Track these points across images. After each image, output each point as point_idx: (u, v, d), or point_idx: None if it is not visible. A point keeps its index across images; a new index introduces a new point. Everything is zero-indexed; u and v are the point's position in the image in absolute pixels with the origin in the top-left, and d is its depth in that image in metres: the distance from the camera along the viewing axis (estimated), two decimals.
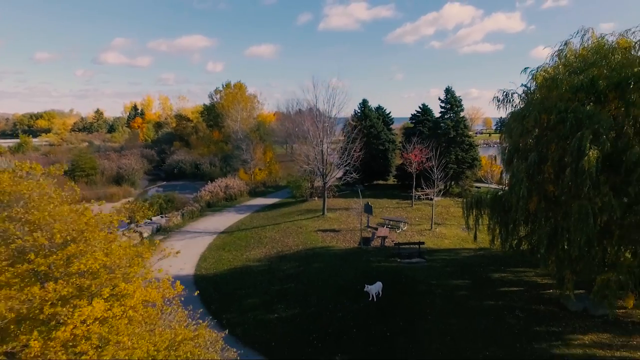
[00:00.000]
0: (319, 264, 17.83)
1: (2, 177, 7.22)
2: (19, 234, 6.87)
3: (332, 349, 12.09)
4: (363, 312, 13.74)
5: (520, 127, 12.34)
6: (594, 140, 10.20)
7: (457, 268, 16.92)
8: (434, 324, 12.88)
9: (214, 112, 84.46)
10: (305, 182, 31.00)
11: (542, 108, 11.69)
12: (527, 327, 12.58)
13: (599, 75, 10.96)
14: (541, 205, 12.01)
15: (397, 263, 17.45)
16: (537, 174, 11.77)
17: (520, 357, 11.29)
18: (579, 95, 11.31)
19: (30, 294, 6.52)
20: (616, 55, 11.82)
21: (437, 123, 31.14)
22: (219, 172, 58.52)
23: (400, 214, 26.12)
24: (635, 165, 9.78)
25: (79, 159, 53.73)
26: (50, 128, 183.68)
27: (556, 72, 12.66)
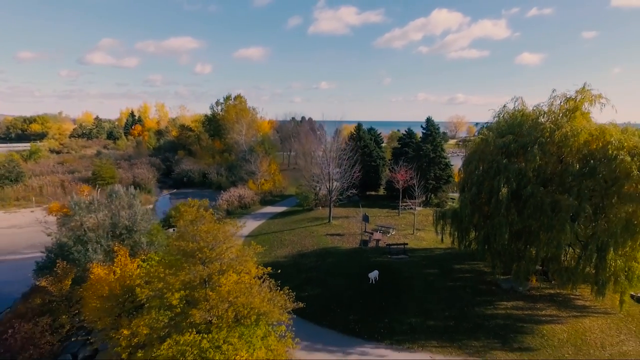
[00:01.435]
0: (331, 259, 24.38)
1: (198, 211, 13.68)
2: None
3: (345, 313, 18.63)
4: (365, 291, 20.33)
5: (468, 169, 19.19)
6: (507, 182, 17.07)
7: (430, 262, 23.70)
8: (413, 297, 19.57)
9: (216, 122, 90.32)
10: (311, 194, 37.52)
11: (480, 158, 18.57)
12: (472, 298, 19.38)
13: (512, 140, 17.84)
14: (480, 219, 18.88)
15: (388, 258, 24.08)
16: (476, 199, 18.62)
17: (466, 314, 18.06)
18: (501, 151, 18.19)
19: (196, 270, 12.89)
20: (527, 124, 18.76)
21: (420, 146, 38.10)
22: (225, 181, 64.45)
23: (389, 221, 32.85)
24: (529, 197, 16.64)
25: (100, 168, 58.91)
26: (45, 132, 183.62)
27: (491, 132, 19.56)
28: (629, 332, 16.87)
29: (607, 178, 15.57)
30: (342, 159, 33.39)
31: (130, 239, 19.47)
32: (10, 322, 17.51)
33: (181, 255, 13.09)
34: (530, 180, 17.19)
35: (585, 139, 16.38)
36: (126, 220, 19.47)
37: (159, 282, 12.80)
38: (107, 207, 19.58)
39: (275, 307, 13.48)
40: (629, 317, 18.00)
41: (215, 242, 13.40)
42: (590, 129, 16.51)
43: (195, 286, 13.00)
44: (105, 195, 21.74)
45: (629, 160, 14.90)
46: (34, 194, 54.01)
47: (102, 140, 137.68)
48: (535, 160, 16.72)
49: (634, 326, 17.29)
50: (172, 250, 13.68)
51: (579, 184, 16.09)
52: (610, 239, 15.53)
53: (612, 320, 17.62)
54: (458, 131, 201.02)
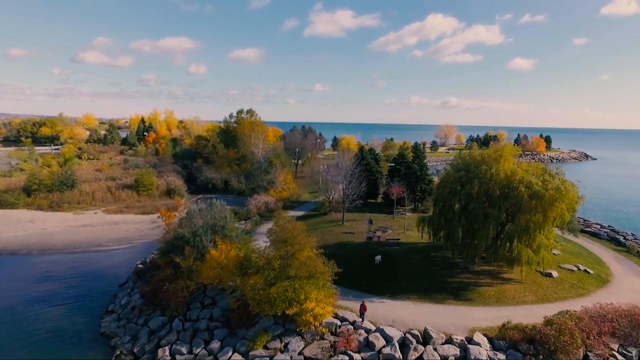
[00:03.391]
0: (348, 248, 35.70)
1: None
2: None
3: (361, 280, 29.90)
4: (372, 268, 31.66)
5: (438, 191, 30.75)
6: (459, 200, 28.57)
7: (414, 250, 35.16)
8: (403, 271, 30.96)
9: (230, 133, 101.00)
10: (327, 202, 48.88)
11: (445, 185, 30.13)
12: (440, 272, 30.85)
13: (463, 175, 29.34)
14: (444, 223, 30.38)
15: (386, 248, 35.42)
16: (443, 211, 30.13)
17: (435, 281, 29.50)
18: (457, 181, 29.67)
19: (286, 249, 24.15)
20: (473, 164, 30.27)
21: (410, 166, 49.70)
22: (244, 187, 75.47)
23: (387, 223, 44.26)
24: (472, 210, 28.13)
25: (141, 176, 69.35)
26: (56, 136, 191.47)
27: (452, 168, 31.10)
28: (530, 291, 28.43)
29: (514, 200, 27.14)
30: (353, 177, 44.86)
31: (223, 233, 30.49)
32: (160, 283, 28.51)
33: (279, 241, 24.35)
34: (473, 199, 28.69)
35: (504, 176, 27.97)
36: (221, 221, 30.56)
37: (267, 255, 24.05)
38: (210, 213, 30.64)
39: (327, 270, 24.72)
40: (533, 283, 29.56)
41: (295, 234, 24.71)
42: (507, 170, 28.13)
43: (286, 257, 24.23)
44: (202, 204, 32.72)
45: (524, 190, 26.48)
46: (88, 198, 64.34)
47: (117, 146, 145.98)
48: (475, 188, 28.25)
49: (534, 288, 28.85)
50: (273, 238, 24.93)
51: (499, 202, 27.66)
52: (515, 234, 27.13)
53: (521, 285, 29.18)
54: (448, 139, 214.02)
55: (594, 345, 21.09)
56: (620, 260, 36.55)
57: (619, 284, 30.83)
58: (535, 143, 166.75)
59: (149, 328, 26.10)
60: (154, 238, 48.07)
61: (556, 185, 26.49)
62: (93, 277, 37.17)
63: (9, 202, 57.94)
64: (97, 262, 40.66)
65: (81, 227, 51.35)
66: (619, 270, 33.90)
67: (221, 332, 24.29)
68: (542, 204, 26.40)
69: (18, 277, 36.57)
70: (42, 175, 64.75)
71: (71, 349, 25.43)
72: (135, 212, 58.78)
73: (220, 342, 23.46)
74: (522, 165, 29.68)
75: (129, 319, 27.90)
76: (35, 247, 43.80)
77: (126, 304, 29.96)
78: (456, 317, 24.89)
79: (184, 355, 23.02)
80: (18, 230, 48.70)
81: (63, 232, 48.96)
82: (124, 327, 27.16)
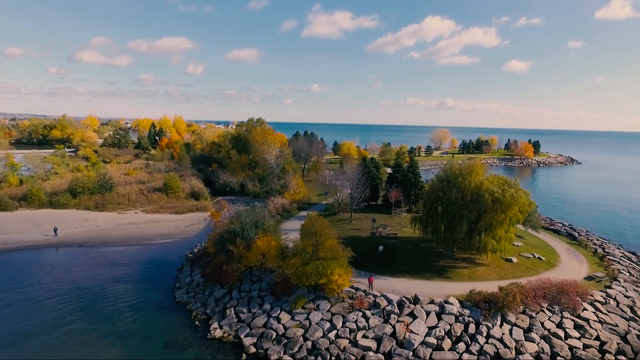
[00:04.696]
0: (356, 241, 45.32)
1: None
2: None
3: (367, 265, 39.52)
4: (376, 255, 41.33)
5: (426, 197, 40.52)
6: (441, 204, 38.33)
7: (408, 243, 44.89)
8: (400, 258, 40.67)
9: (242, 140, 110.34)
10: (336, 204, 58.52)
11: (431, 192, 39.88)
12: (427, 258, 40.60)
13: (445, 184, 39.07)
14: (431, 221, 40.12)
15: (387, 241, 45.08)
16: (430, 212, 39.87)
17: (423, 264, 39.22)
18: (441, 189, 39.38)
19: (316, 238, 33.87)
20: (452, 176, 40.01)
21: (405, 174, 59.44)
22: (258, 190, 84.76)
23: (386, 221, 53.91)
24: (451, 211, 37.86)
25: (169, 180, 78.58)
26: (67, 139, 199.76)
27: (437, 179, 40.86)
28: (494, 271, 38.16)
29: (481, 204, 36.86)
30: (360, 183, 54.58)
31: (263, 228, 39.99)
32: (217, 265, 37.99)
33: (311, 233, 33.99)
34: (452, 203, 38.40)
35: (474, 186, 37.73)
36: (262, 218, 40.11)
37: (304, 244, 33.68)
38: (253, 213, 40.18)
39: (345, 254, 34.35)
40: (497, 266, 39.28)
41: (322, 227, 34.38)
42: (477, 181, 37.86)
43: (316, 244, 33.83)
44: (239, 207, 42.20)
45: (488, 196, 36.21)
46: (125, 200, 73.53)
47: (130, 149, 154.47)
48: (454, 195, 37.98)
49: (497, 270, 38.54)
50: (305, 231, 34.52)
51: (471, 205, 37.38)
52: (482, 229, 36.88)
53: (488, 267, 38.92)
54: (442, 143, 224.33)
55: (530, 303, 30.87)
56: (570, 251, 46.47)
57: (563, 268, 40.70)
58: (524, 148, 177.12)
59: (214, 297, 35.63)
60: (191, 234, 57.85)
61: (511, 193, 36.26)
62: (152, 264, 46.54)
63: (60, 203, 67.09)
64: (152, 253, 50.02)
65: (128, 225, 60.63)
66: (566, 258, 43.82)
67: (269, 299, 33.89)
68: (501, 207, 36.17)
69: (94, 263, 45.95)
70: (85, 179, 73.84)
71: (158, 313, 34.89)
72: (169, 212, 68.10)
73: (270, 304, 33.05)
74: (489, 178, 39.43)
75: (196, 292, 37.41)
76: (97, 241, 53.09)
77: (190, 282, 39.45)
78: (438, 288, 34.60)
79: (245, 314, 32.57)
80: (77, 227, 57.92)
81: (114, 229, 58.23)
82: (194, 297, 36.67)
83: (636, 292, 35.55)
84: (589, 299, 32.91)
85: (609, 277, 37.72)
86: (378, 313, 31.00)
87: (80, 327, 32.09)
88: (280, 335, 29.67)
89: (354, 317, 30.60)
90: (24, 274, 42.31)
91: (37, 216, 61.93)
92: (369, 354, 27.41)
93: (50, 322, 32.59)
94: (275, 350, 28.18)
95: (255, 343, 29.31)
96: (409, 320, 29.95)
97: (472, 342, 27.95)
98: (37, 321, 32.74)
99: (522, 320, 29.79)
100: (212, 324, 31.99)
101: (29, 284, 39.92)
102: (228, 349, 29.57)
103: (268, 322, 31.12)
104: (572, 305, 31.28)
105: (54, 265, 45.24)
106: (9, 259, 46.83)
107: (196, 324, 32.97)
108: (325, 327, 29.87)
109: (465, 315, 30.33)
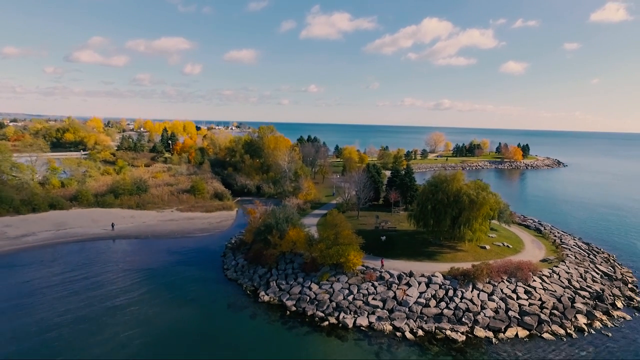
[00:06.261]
0: (364, 233, 56.30)
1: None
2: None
3: (373, 250, 50.77)
4: (380, 243, 52.71)
5: (419, 198, 52.05)
6: (430, 203, 49.81)
7: (405, 234, 56.35)
8: (399, 245, 52.12)
9: (254, 146, 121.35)
10: (345, 203, 69.89)
11: (423, 194, 51.40)
12: (421, 245, 52.06)
13: (434, 188, 50.52)
14: (422, 217, 51.59)
15: (388, 233, 56.47)
16: (422, 209, 51.34)
17: (416, 250, 50.66)
18: (430, 191, 50.82)
19: (336, 228, 45.38)
20: (440, 181, 51.45)
21: (403, 179, 70.90)
22: (272, 192, 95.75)
23: (387, 218, 65.29)
24: (438, 209, 49.33)
25: (196, 183, 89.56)
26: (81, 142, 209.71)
27: (428, 183, 52.33)
28: (471, 256, 49.59)
29: (461, 203, 48.29)
30: (366, 186, 66.04)
31: (292, 222, 51.22)
32: (257, 251, 49.24)
33: (332, 225, 45.32)
34: (439, 202, 49.82)
35: (455, 190, 49.15)
36: (291, 214, 51.37)
37: (326, 233, 45.03)
38: (284, 210, 51.44)
39: (357, 241, 45.71)
40: (474, 252, 50.71)
41: (341, 221, 45.78)
42: (457, 186, 49.28)
43: (336, 233, 45.15)
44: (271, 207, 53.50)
45: (466, 198, 47.64)
46: (159, 200, 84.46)
47: (146, 153, 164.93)
48: (440, 196, 49.42)
49: (474, 254, 49.98)
50: (327, 223, 45.79)
51: (453, 205, 48.80)
52: (462, 223, 48.34)
53: (466, 253, 50.36)
54: (437, 146, 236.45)
55: (493, 276, 42.33)
56: (534, 242, 58.06)
57: (525, 253, 52.21)
58: (513, 152, 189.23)
59: (258, 274, 46.90)
60: (223, 229, 68.98)
61: (484, 195, 47.76)
62: (199, 252, 57.63)
63: (107, 203, 77.98)
64: (195, 243, 61.11)
65: (168, 221, 71.68)
66: (530, 246, 55.39)
67: (301, 274, 45.22)
68: (476, 206, 47.64)
69: (152, 251, 57.01)
70: (124, 182, 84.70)
71: (215, 285, 46.07)
72: (200, 211, 79.13)
73: (302, 278, 44.37)
74: (468, 183, 50.81)
75: (242, 271, 48.64)
76: (148, 234, 64.13)
77: (235, 264, 50.67)
78: (427, 266, 45.99)
79: (284, 285, 43.84)
80: (127, 223, 68.90)
81: (159, 225, 69.27)
82: (242, 274, 47.91)
83: (576, 270, 47.15)
84: (539, 273, 44.47)
85: (558, 260, 49.35)
86: (383, 283, 42.36)
87: (159, 293, 43.23)
88: (312, 299, 40.97)
89: (366, 286, 41.97)
90: (99, 258, 53.36)
91: (92, 214, 72.84)
92: (377, 310, 38.76)
93: (136, 290, 43.72)
94: (310, 308, 39.50)
95: (295, 304, 40.60)
96: (405, 288, 41.35)
97: (450, 302, 39.39)
98: (123, 287, 43.87)
99: (487, 288, 41.26)
100: (259, 293, 43.24)
101: (108, 265, 51.02)
102: (275, 309, 40.82)
103: (302, 290, 42.42)
104: (525, 278, 42.80)
105: (121, 252, 56.30)
106: (83, 247, 57.83)
107: (247, 292, 44.24)
108: (345, 293, 41.22)
109: (447, 284, 41.77)
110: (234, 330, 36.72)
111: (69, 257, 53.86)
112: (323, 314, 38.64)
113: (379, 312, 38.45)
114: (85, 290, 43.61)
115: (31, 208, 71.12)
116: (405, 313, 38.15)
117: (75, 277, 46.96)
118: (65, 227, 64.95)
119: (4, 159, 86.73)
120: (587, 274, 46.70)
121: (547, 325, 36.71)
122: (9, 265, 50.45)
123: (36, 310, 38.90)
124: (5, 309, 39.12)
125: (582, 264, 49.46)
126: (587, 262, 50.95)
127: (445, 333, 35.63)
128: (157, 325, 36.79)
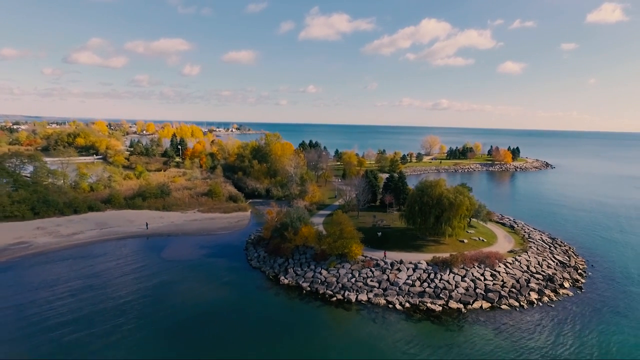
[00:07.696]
0: (363, 230, 67.18)
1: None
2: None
3: (371, 243, 61.64)
4: (377, 238, 63.48)
5: (408, 200, 62.90)
6: (418, 205, 60.65)
7: (398, 230, 67.17)
8: (392, 239, 62.94)
9: (261, 152, 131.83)
10: (346, 204, 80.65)
11: (412, 197, 62.24)
12: (410, 239, 62.92)
13: (421, 192, 61.35)
14: (412, 215, 62.45)
15: (383, 229, 67.22)
16: (411, 209, 62.17)
17: (407, 244, 61.49)
18: (418, 195, 61.66)
19: (340, 226, 56.34)
20: (426, 186, 62.28)
21: (397, 184, 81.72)
22: (280, 194, 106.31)
23: (383, 217, 76.04)
24: (424, 209, 60.17)
25: (213, 187, 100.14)
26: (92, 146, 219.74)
27: (416, 188, 63.16)
28: (451, 248, 60.28)
29: (442, 205, 59.07)
30: (365, 190, 76.89)
31: (304, 221, 61.91)
32: (276, 245, 59.97)
33: (337, 222, 56.11)
34: (424, 204, 60.59)
35: (438, 193, 59.98)
36: (303, 214, 62.08)
37: (333, 229, 55.87)
38: (297, 211, 62.14)
39: (358, 235, 56.47)
40: (454, 245, 61.48)
41: (345, 219, 56.60)
42: (440, 191, 60.11)
43: (341, 229, 55.92)
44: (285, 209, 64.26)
45: (446, 200, 58.42)
46: (181, 202, 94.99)
47: (158, 158, 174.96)
48: (426, 199, 60.22)
49: (453, 247, 60.70)
50: (333, 222, 56.55)
51: (436, 206, 59.59)
52: (443, 221, 59.13)
53: (447, 245, 61.14)
54: (432, 149, 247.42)
55: (467, 263, 53.16)
56: (506, 237, 68.97)
57: (497, 246, 63.07)
58: (503, 154, 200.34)
59: (277, 263, 57.63)
60: (242, 228, 79.61)
61: (461, 199, 58.57)
62: (223, 246, 68.27)
63: (137, 205, 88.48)
64: (219, 240, 71.74)
65: (192, 221, 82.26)
66: (502, 241, 66.27)
67: (313, 263, 55.99)
68: (454, 207, 58.44)
69: (183, 246, 67.63)
70: (150, 186, 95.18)
71: (243, 272, 56.76)
72: (219, 212, 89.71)
73: (314, 266, 55.13)
74: (448, 188, 61.61)
75: (264, 261, 59.35)
76: (178, 232, 74.71)
77: (257, 255, 61.39)
78: (414, 256, 56.76)
79: (300, 271, 54.57)
80: (158, 223, 79.44)
81: (185, 224, 79.85)
82: (264, 264, 58.62)
83: (535, 258, 58.04)
84: (504, 261, 55.34)
85: (522, 250, 60.27)
86: (379, 269, 53.15)
87: (200, 279, 53.87)
88: (323, 281, 51.70)
89: (365, 271, 52.75)
90: (142, 252, 63.93)
91: (126, 214, 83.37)
92: (374, 289, 49.55)
93: (182, 277, 54.36)
94: (321, 288, 50.25)
95: (309, 285, 51.32)
96: (397, 272, 52.16)
97: (431, 283, 50.19)
98: (172, 274, 54.50)
99: (461, 272, 52.07)
100: (280, 278, 53.95)
101: (150, 257, 61.61)
102: (293, 289, 51.53)
103: (315, 275, 53.17)
104: (492, 264, 53.65)
105: (159, 248, 66.88)
106: (124, 244, 68.40)
107: (270, 277, 54.97)
108: (348, 276, 51.99)
109: (429, 269, 52.60)
110: (262, 306, 47.41)
111: (117, 251, 64.47)
112: (332, 292, 49.38)
113: (375, 290, 49.20)
114: (148, 278, 54.08)
115: (73, 210, 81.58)
116: (396, 291, 48.90)
117: (133, 269, 57.39)
118: (106, 226, 75.48)
119: (42, 166, 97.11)
120: (544, 262, 57.61)
121: (506, 300, 47.59)
122: (80, 256, 60.99)
123: (125, 287, 49.57)
124: (109, 293, 49.77)
125: (542, 254, 60.40)
126: (547, 252, 61.88)
127: (427, 305, 46.42)
128: (204, 302, 47.49)
